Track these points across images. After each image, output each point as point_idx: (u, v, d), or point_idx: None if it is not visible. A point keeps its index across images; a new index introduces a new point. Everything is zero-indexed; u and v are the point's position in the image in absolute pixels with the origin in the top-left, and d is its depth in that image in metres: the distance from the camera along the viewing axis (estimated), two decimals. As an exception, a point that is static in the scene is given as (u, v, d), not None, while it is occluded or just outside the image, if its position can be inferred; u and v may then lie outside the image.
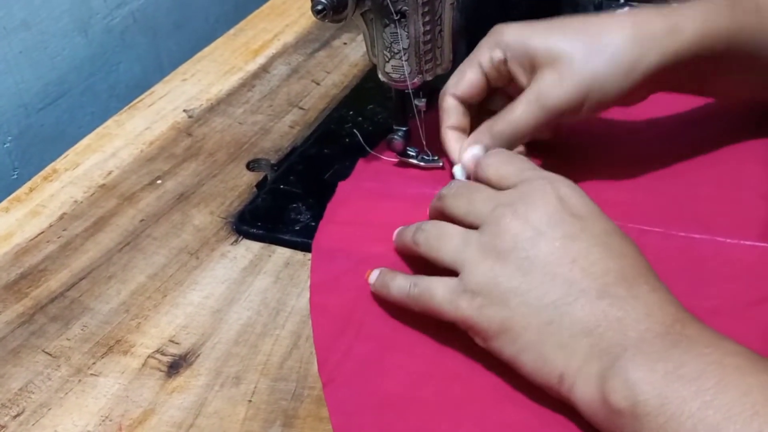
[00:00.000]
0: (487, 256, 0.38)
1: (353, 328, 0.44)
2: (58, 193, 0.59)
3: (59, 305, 0.49)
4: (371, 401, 0.40)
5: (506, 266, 0.37)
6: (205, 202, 0.57)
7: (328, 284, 0.47)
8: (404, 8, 0.49)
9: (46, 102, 0.74)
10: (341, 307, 0.45)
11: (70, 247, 0.53)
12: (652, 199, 0.51)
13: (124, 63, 0.82)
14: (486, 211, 0.40)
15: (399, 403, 0.40)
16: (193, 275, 0.50)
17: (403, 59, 0.51)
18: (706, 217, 0.49)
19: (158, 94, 0.71)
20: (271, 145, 0.63)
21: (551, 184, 0.39)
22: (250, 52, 0.77)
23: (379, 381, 0.41)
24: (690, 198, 0.51)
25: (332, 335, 0.44)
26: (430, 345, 0.42)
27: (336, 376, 0.41)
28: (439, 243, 0.41)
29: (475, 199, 0.41)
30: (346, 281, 0.47)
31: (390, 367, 0.42)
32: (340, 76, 0.72)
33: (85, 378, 0.44)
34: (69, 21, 0.75)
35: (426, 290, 0.40)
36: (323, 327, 0.44)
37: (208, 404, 0.41)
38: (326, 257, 0.49)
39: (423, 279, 0.41)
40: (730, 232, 0.47)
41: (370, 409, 0.39)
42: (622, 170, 0.54)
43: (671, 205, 0.50)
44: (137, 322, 0.47)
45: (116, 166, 0.61)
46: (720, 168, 0.53)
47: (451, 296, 0.39)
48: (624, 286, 0.36)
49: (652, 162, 0.55)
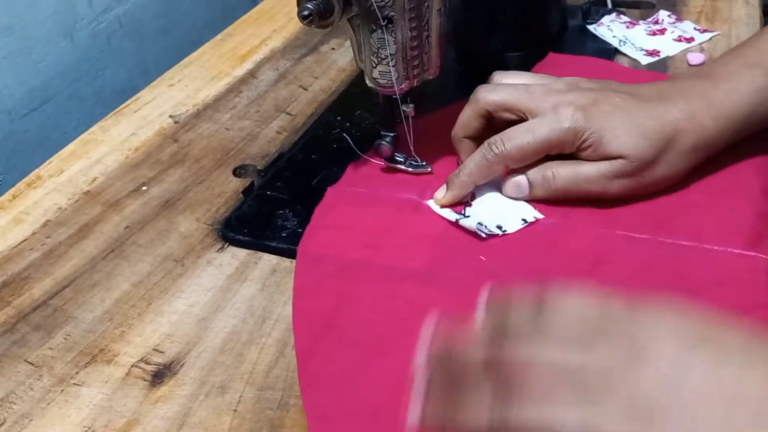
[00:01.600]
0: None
1: (335, 333, 0.44)
2: (42, 199, 0.58)
3: (42, 314, 0.48)
4: (350, 408, 0.40)
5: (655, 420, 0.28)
6: (191, 209, 0.56)
7: (311, 288, 0.47)
8: (391, 14, 0.48)
9: (31, 108, 0.74)
10: (323, 312, 0.45)
11: (53, 254, 0.53)
12: (640, 205, 0.51)
13: (110, 68, 0.82)
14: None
15: (377, 409, 0.39)
16: (179, 283, 0.50)
17: (390, 65, 0.51)
18: (694, 224, 0.49)
19: (144, 99, 0.70)
20: (258, 150, 0.63)
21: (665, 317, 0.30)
22: (237, 58, 0.77)
23: (359, 387, 0.41)
24: (678, 205, 0.51)
25: (313, 340, 0.43)
26: (410, 350, 0.42)
27: (315, 382, 0.41)
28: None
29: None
30: (330, 286, 0.47)
31: (370, 373, 0.41)
32: (328, 82, 0.72)
33: (68, 388, 0.43)
34: (54, 26, 0.74)
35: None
36: (304, 332, 0.44)
37: (193, 414, 0.41)
38: (311, 261, 0.49)
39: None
40: (718, 240, 0.47)
41: (349, 416, 0.39)
42: None
43: (659, 212, 0.50)
44: (121, 330, 0.47)
45: (101, 173, 0.61)
46: (710, 176, 0.53)
47: None
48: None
49: None
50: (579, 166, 0.50)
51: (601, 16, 0.77)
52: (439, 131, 0.58)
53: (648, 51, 0.71)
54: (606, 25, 0.75)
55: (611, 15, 0.77)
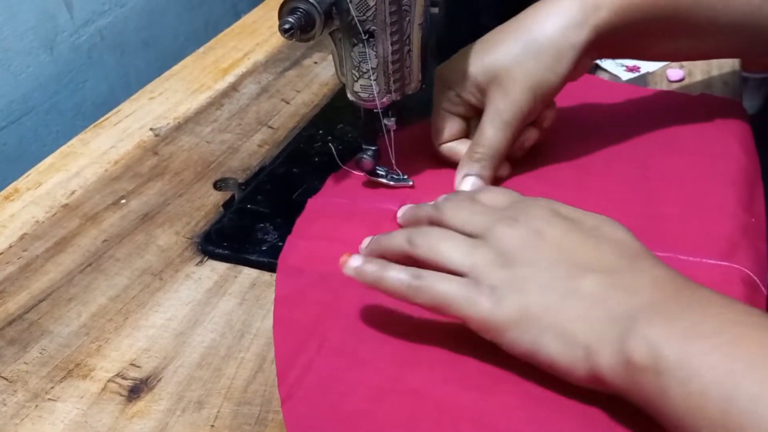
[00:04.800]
0: (496, 259, 0.39)
1: (315, 343, 0.43)
2: (19, 212, 0.57)
3: (17, 328, 0.47)
4: (331, 418, 0.39)
5: (516, 264, 0.39)
6: (170, 222, 0.56)
7: (292, 298, 0.47)
8: (372, 28, 0.49)
9: (10, 120, 0.73)
10: (304, 322, 0.45)
11: (30, 268, 0.52)
12: (617, 215, 0.51)
13: (90, 81, 0.81)
14: (487, 223, 0.41)
15: (358, 420, 0.39)
16: (156, 297, 0.49)
17: (371, 78, 0.51)
18: (670, 235, 0.49)
19: (125, 112, 0.70)
20: (239, 164, 0.62)
21: (542, 200, 0.43)
22: (219, 71, 0.77)
23: (340, 397, 0.40)
24: (653, 216, 0.51)
25: (294, 350, 0.43)
26: (392, 360, 0.42)
27: (295, 392, 0.40)
28: (444, 246, 0.41)
29: (476, 210, 0.43)
30: (311, 296, 0.46)
31: (351, 383, 0.41)
32: (310, 95, 0.72)
33: (43, 403, 0.42)
34: (34, 38, 0.74)
35: (434, 284, 0.39)
36: (285, 342, 0.44)
37: (169, 429, 0.40)
38: (292, 272, 0.49)
39: (427, 272, 0.40)
40: (693, 251, 0.47)
41: (330, 426, 0.39)
42: (588, 188, 0.54)
43: (634, 223, 0.51)
44: (98, 345, 0.46)
45: (80, 186, 0.60)
46: (685, 186, 0.53)
47: (467, 293, 0.38)
48: (625, 264, 0.38)
49: (618, 180, 0.55)
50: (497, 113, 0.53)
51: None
52: (421, 145, 0.58)
53: (628, 67, 0.72)
54: (587, 41, 0.76)
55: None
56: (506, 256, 0.39)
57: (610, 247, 0.39)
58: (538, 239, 0.39)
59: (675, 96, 0.66)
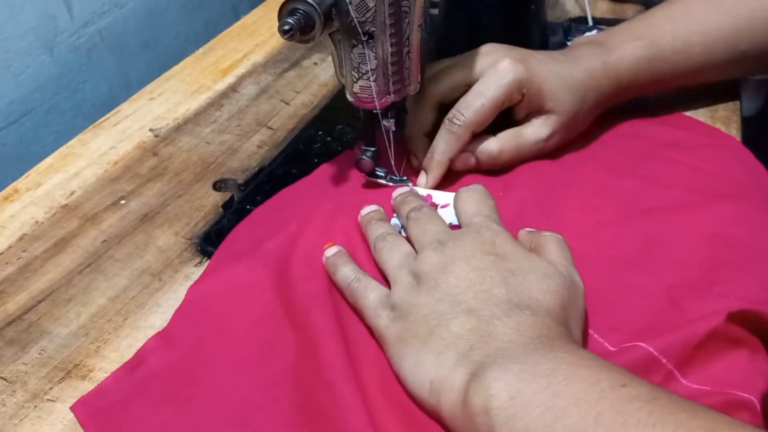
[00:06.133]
0: (411, 277, 0.43)
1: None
2: (18, 213, 0.57)
3: (16, 328, 0.47)
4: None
5: (420, 288, 0.42)
6: (170, 223, 0.56)
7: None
8: (371, 29, 0.49)
9: (9, 121, 0.73)
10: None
11: (29, 268, 0.52)
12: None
13: (90, 82, 0.81)
14: (425, 243, 0.44)
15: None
16: (155, 297, 0.49)
17: (370, 80, 0.51)
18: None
19: (124, 113, 0.70)
20: (238, 165, 0.62)
21: (487, 230, 0.44)
22: (218, 72, 0.77)
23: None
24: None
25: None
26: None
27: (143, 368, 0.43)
28: (388, 256, 0.46)
29: (426, 230, 0.46)
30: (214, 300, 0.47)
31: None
32: (310, 96, 0.72)
33: (42, 404, 0.42)
34: (34, 39, 0.74)
35: (363, 290, 0.44)
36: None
37: (168, 430, 0.40)
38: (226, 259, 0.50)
39: (366, 279, 0.45)
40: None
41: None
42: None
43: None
44: (96, 345, 0.46)
45: (79, 186, 0.60)
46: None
47: (376, 306, 0.43)
48: (504, 308, 0.39)
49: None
50: (518, 138, 0.56)
51: (581, 33, 0.77)
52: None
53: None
54: (586, 43, 0.76)
55: (592, 32, 0.78)
56: (419, 278, 0.42)
57: (505, 289, 0.40)
58: (445, 271, 0.42)
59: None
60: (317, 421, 0.39)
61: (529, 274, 0.41)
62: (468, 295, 0.40)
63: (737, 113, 0.65)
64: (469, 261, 0.42)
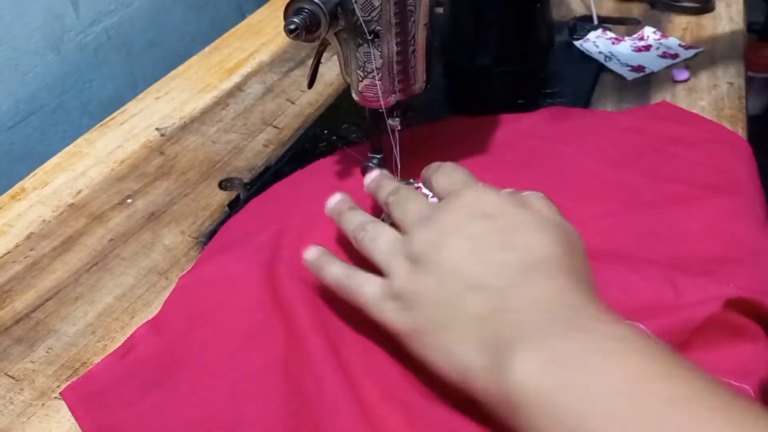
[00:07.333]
0: (407, 262, 0.40)
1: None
2: (26, 212, 0.58)
3: (24, 327, 0.48)
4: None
5: (420, 270, 0.40)
6: (176, 222, 0.56)
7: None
8: (377, 28, 0.49)
9: (17, 120, 0.73)
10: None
11: (36, 267, 0.52)
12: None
13: (97, 80, 0.82)
14: (410, 222, 0.42)
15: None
16: (162, 296, 0.49)
17: (376, 79, 0.51)
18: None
19: (131, 112, 0.70)
20: (244, 164, 0.63)
21: (467, 192, 0.42)
22: (224, 71, 0.77)
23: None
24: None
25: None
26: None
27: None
28: (373, 245, 0.43)
29: (408, 209, 0.44)
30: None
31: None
32: (315, 95, 0.72)
33: (49, 402, 0.43)
34: (41, 38, 0.74)
35: (357, 286, 0.42)
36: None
37: (175, 428, 0.40)
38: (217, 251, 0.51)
39: (357, 273, 0.43)
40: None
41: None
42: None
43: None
44: (104, 344, 0.46)
45: (86, 185, 0.60)
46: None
47: (377, 299, 0.41)
48: (517, 279, 0.37)
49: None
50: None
51: (587, 32, 0.77)
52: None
53: (633, 66, 0.72)
54: (592, 41, 0.76)
55: (597, 31, 0.78)
56: (415, 260, 0.40)
57: (515, 254, 0.38)
58: (440, 246, 0.40)
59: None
60: (306, 412, 0.39)
61: (524, 228, 0.39)
62: (472, 268, 0.38)
63: (743, 111, 0.64)
64: (460, 230, 0.40)
